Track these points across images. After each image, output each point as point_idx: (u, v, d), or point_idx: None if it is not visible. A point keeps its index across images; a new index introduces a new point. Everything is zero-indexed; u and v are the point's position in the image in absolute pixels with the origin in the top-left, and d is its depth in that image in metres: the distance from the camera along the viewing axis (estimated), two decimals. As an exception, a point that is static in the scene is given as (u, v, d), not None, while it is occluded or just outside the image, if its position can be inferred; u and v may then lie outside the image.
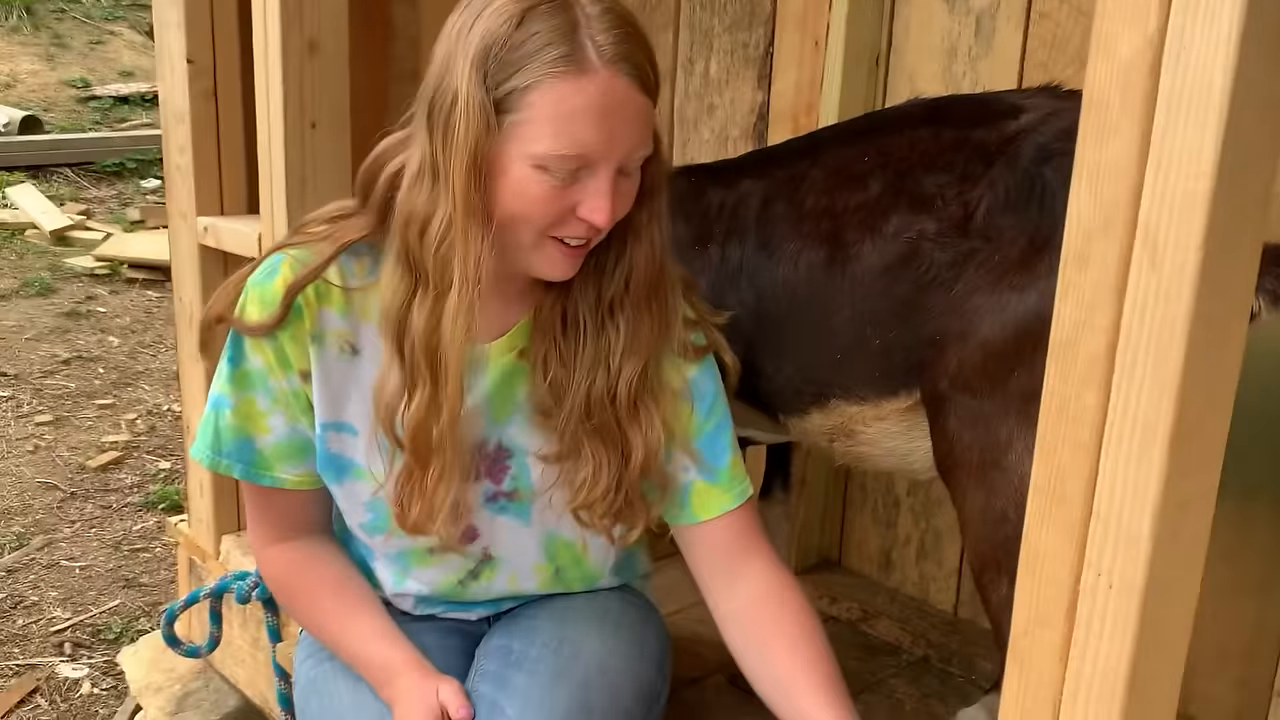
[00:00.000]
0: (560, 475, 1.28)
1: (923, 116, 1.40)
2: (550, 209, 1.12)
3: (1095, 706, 0.79)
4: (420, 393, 1.17)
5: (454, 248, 1.11)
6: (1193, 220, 0.69)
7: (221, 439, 1.28)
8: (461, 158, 1.08)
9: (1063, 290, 0.78)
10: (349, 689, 1.33)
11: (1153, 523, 0.74)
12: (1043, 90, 1.36)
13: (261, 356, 1.25)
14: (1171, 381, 0.72)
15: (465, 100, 1.06)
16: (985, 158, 1.28)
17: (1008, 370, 1.21)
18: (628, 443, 1.25)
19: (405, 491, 1.23)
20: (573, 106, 1.07)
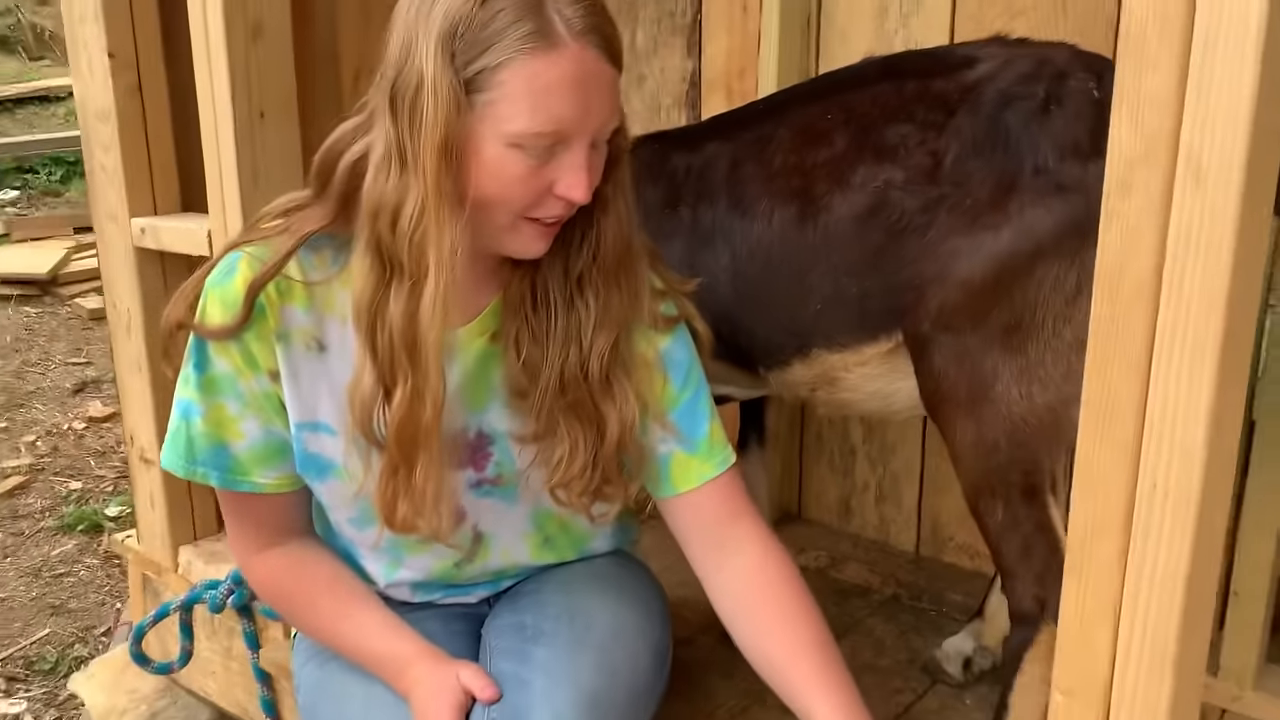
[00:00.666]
0: (537, 454, 1.27)
1: (881, 73, 1.44)
2: (527, 189, 1.11)
3: (1156, 608, 0.85)
4: (401, 388, 1.14)
5: (428, 235, 1.08)
6: (1236, 142, 0.75)
7: (194, 447, 1.24)
8: (431, 141, 1.05)
9: (1106, 218, 0.82)
10: (360, 686, 1.32)
11: (1206, 433, 0.80)
12: (993, 40, 1.42)
13: (228, 360, 1.21)
14: (1220, 296, 0.77)
15: (432, 82, 1.04)
16: (947, 107, 1.33)
17: (988, 306, 1.27)
18: (602, 419, 1.24)
19: (390, 490, 1.19)
20: (546, 82, 1.05)
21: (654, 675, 1.36)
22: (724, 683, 1.68)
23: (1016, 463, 1.26)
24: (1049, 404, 1.24)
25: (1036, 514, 1.27)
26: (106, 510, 3.26)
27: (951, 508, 2.02)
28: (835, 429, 2.13)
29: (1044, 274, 1.22)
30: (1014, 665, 1.32)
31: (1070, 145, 1.21)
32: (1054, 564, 1.26)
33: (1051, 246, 1.21)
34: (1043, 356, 1.23)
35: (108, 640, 2.66)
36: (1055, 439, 1.27)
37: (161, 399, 1.93)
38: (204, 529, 2.03)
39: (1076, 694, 0.91)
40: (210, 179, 1.62)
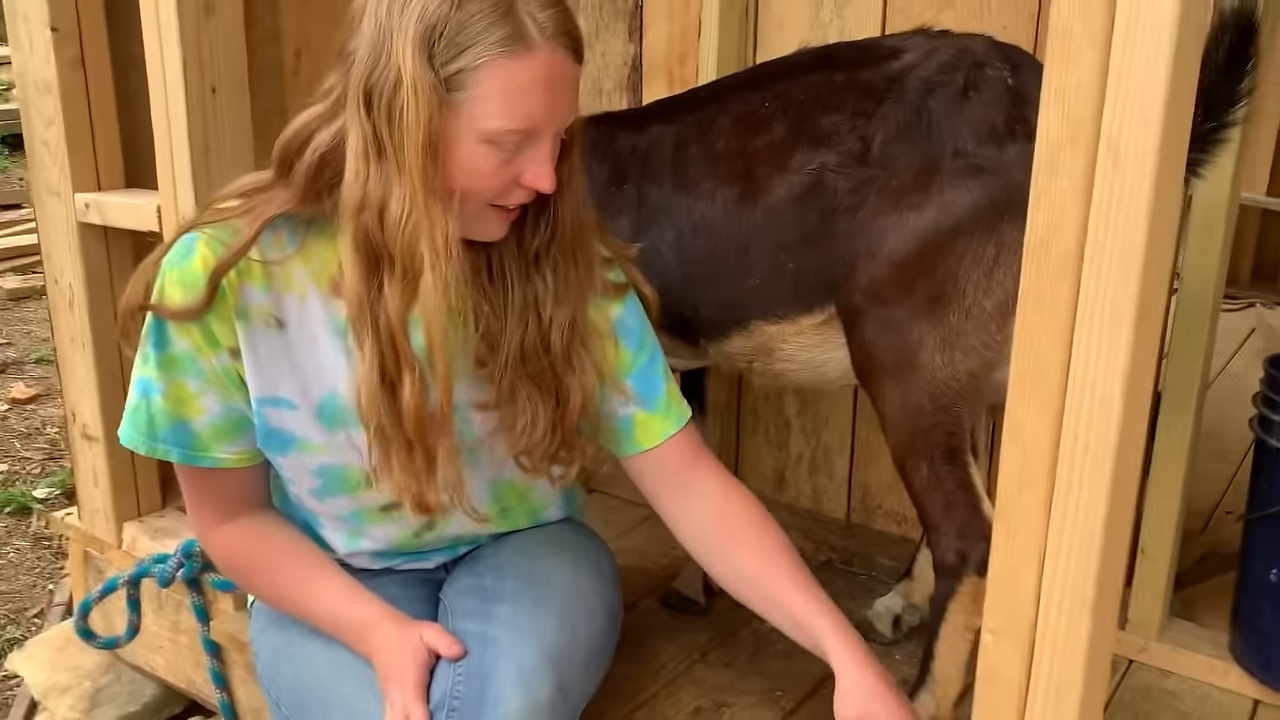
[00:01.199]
0: (499, 422, 1.33)
1: (814, 63, 1.52)
2: (497, 180, 1.16)
3: (1077, 552, 0.93)
4: (410, 379, 1.18)
5: (419, 229, 1.12)
6: (1150, 128, 0.83)
7: (155, 424, 1.26)
8: (415, 139, 1.09)
9: (1035, 198, 0.90)
10: (322, 649, 1.36)
11: (1123, 390, 0.88)
12: (917, 32, 1.50)
13: (188, 339, 1.23)
14: (1135, 268, 0.86)
15: (412, 81, 1.08)
16: (875, 95, 1.41)
17: (913, 279, 1.35)
18: (563, 388, 1.30)
19: (415, 480, 1.23)
20: (521, 83, 1.11)
21: (608, 632, 1.43)
22: (668, 644, 1.75)
23: (940, 425, 1.35)
24: (970, 370, 1.33)
25: (958, 473, 1.36)
26: (34, 492, 3.21)
27: (881, 477, 2.12)
28: (771, 404, 2.21)
29: (964, 249, 1.31)
30: (939, 615, 1.41)
31: (987, 129, 1.30)
32: (974, 520, 1.35)
33: (970, 223, 1.30)
34: (964, 325, 1.32)
35: (40, 622, 2.63)
36: (975, 402, 1.36)
37: (105, 375, 1.94)
38: (148, 505, 2.04)
39: (1004, 633, 1.00)
40: (160, 154, 1.63)
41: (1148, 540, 1.70)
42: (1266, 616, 1.58)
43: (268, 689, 1.41)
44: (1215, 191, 1.53)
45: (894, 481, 2.10)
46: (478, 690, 1.22)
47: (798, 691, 1.62)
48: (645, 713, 1.58)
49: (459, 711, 1.22)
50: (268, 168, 1.25)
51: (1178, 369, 1.63)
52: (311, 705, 1.33)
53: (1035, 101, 1.27)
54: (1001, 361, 1.32)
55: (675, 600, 1.85)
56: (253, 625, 1.49)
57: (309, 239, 1.26)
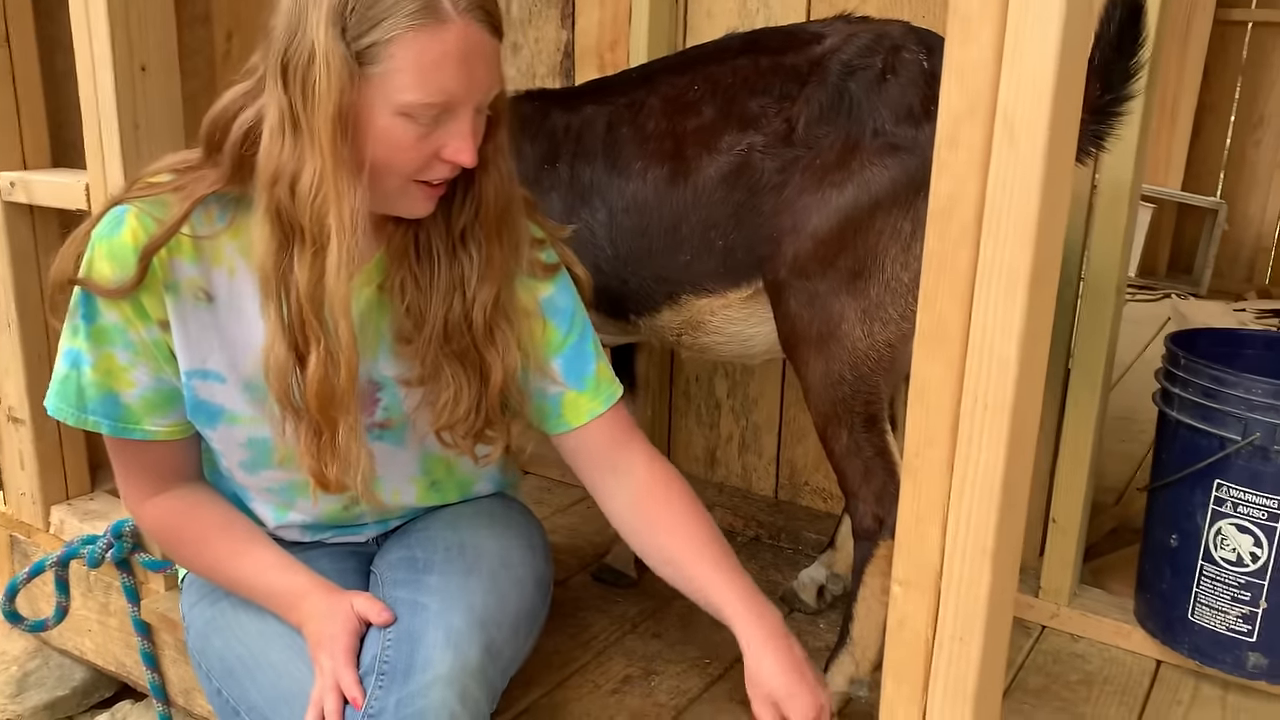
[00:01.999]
0: (423, 398, 1.35)
1: (740, 48, 1.57)
2: (416, 154, 1.17)
3: (978, 507, 0.99)
4: (315, 352, 1.19)
5: (327, 201, 1.13)
6: (1042, 105, 0.88)
7: (85, 396, 1.26)
8: (326, 111, 1.11)
9: (937, 169, 0.95)
10: (252, 619, 1.37)
11: (1019, 351, 0.94)
12: (838, 18, 1.55)
13: (117, 311, 1.24)
14: (1029, 234, 0.91)
15: (325, 54, 1.10)
16: (799, 78, 1.46)
17: (835, 254, 1.41)
18: (486, 365, 1.32)
19: (316, 454, 1.24)
20: (434, 56, 1.12)
21: (538, 602, 1.46)
22: (599, 616, 1.79)
23: (859, 394, 1.40)
24: (888, 340, 1.38)
25: (876, 440, 1.41)
26: (-43, 481, 3.14)
27: (807, 455, 2.18)
28: (702, 385, 2.26)
29: (883, 224, 1.36)
30: (857, 578, 1.46)
31: (905, 110, 1.36)
32: (890, 485, 1.41)
33: (888, 200, 1.36)
34: (883, 298, 1.37)
35: (-36, 611, 2.59)
36: (893, 371, 1.42)
37: (31, 356, 1.92)
38: (77, 488, 2.03)
39: (911, 584, 1.05)
40: (89, 133, 1.62)
41: (1058, 511, 1.77)
42: (1166, 580, 1.66)
43: (199, 662, 1.42)
44: (1119, 176, 1.61)
45: (820, 460, 2.16)
46: (407, 653, 1.25)
47: (725, 659, 1.67)
48: (576, 680, 1.62)
49: (388, 675, 1.24)
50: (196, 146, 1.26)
51: (1085, 347, 1.70)
52: (240, 674, 1.34)
53: (948, 82, 1.35)
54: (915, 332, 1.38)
55: (607, 574, 1.89)
56: (184, 599, 1.50)
57: (238, 215, 1.27)
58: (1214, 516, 1.58)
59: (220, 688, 1.36)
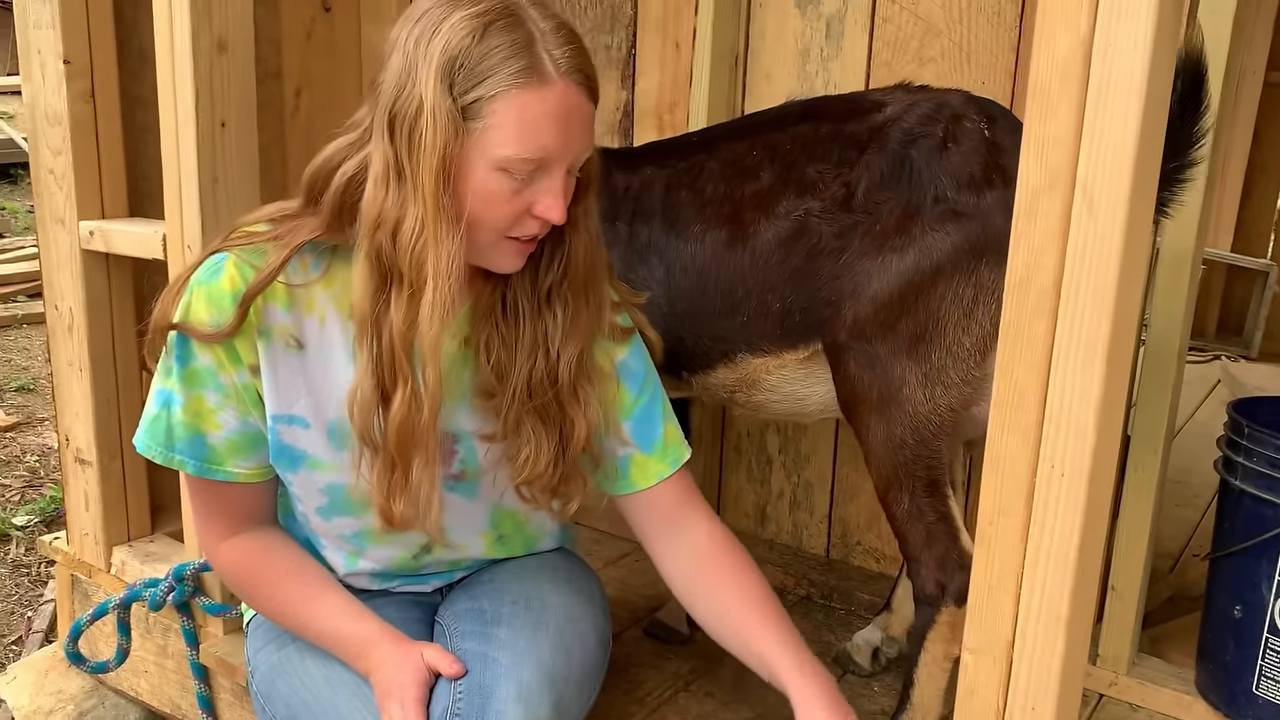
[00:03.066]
0: (503, 453, 1.37)
1: (801, 115, 1.59)
2: (509, 209, 1.22)
3: (1053, 575, 0.99)
4: (401, 391, 1.23)
5: (427, 248, 1.18)
6: (1122, 178, 0.90)
7: (173, 435, 1.30)
8: (430, 162, 1.16)
9: (1015, 240, 0.97)
10: (318, 666, 1.39)
11: (1096, 419, 0.94)
12: (898, 87, 1.58)
13: (211, 354, 1.28)
14: (1108, 304, 0.92)
15: (432, 108, 1.15)
16: (858, 145, 1.48)
17: (896, 318, 1.42)
18: (568, 422, 1.35)
19: (387, 490, 1.27)
20: (535, 114, 1.17)
21: (600, 657, 1.46)
22: (652, 673, 1.79)
23: (921, 458, 1.41)
24: (950, 404, 1.39)
25: (938, 505, 1.41)
26: (14, 519, 3.20)
27: (860, 514, 2.17)
28: (753, 440, 2.26)
29: (945, 289, 1.37)
30: (918, 643, 1.45)
31: (966, 177, 1.37)
32: (952, 551, 1.40)
33: (950, 266, 1.37)
34: (944, 362, 1.38)
35: (19, 649, 2.63)
36: (954, 436, 1.42)
37: (100, 400, 1.97)
38: (138, 530, 2.06)
39: (983, 653, 1.05)
40: (169, 186, 1.67)
41: (1117, 578, 1.75)
42: (1230, 652, 1.64)
43: (263, 706, 1.43)
44: (1181, 243, 1.61)
45: (873, 519, 2.16)
46: (478, 706, 1.26)
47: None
48: (630, 738, 1.62)
49: (458, 728, 1.25)
50: (277, 199, 1.31)
51: (1146, 412, 1.69)
52: (304, 718, 1.35)
53: (1010, 151, 1.37)
54: (979, 397, 1.38)
55: (659, 630, 1.89)
56: (249, 643, 1.51)
57: (333, 264, 1.31)
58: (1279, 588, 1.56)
59: (283, 733, 1.38)
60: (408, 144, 1.17)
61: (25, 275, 5.28)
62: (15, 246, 5.94)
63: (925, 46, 1.92)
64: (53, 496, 3.28)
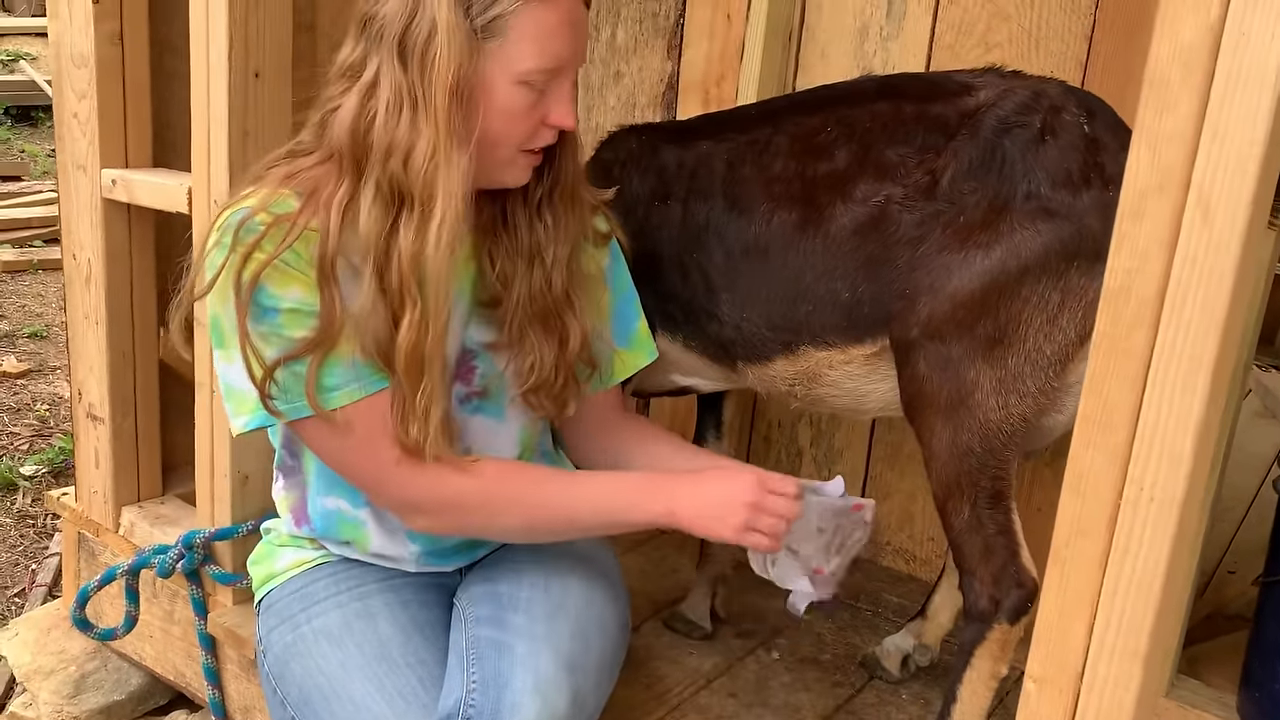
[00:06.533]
0: (510, 363, 1.38)
1: (879, 92, 1.50)
2: (528, 121, 1.25)
3: (1133, 606, 0.92)
4: (409, 314, 1.21)
5: (438, 170, 1.18)
6: (1244, 183, 0.82)
7: (309, 383, 1.22)
8: (444, 83, 1.17)
9: (1117, 243, 0.89)
10: (334, 649, 1.34)
11: (1194, 443, 0.87)
12: (990, 71, 1.48)
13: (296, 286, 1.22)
14: (1218, 320, 0.85)
15: (447, 29, 1.16)
16: (946, 130, 1.39)
17: (975, 319, 1.33)
18: (565, 328, 1.37)
19: (399, 415, 1.25)
20: (551, 24, 1.21)
21: (620, 644, 1.42)
22: (672, 668, 1.73)
23: (987, 468, 1.33)
24: (1023, 414, 1.31)
25: (1000, 517, 1.34)
26: (22, 469, 3.15)
27: (891, 514, 2.10)
28: (784, 431, 2.19)
29: (1030, 293, 1.29)
30: (965, 659, 1.38)
31: (1062, 174, 1.28)
32: (1011, 567, 1.33)
33: (1038, 267, 1.28)
34: (1022, 369, 1.30)
35: (21, 601, 2.58)
36: (1024, 446, 1.34)
37: (115, 354, 1.91)
38: (149, 490, 2.00)
39: (1048, 682, 0.98)
40: (197, 137, 1.60)
41: (1163, 596, 1.68)
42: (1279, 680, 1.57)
43: (275, 687, 1.38)
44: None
45: (904, 519, 2.09)
46: (494, 698, 1.21)
47: (804, 725, 1.60)
48: (650, 737, 1.56)
49: (474, 719, 1.19)
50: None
51: (1206, 426, 1.62)
52: (317, 703, 1.30)
53: (1110, 149, 1.28)
54: (1054, 407, 1.30)
55: (680, 623, 1.83)
56: (262, 623, 1.45)
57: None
58: (1339, 619, 1.49)
59: (295, 715, 1.33)
60: (420, 68, 1.17)
61: (43, 220, 5.21)
62: (33, 190, 5.86)
63: (992, 30, 1.83)
64: (62, 447, 3.22)
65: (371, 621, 1.37)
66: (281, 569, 1.46)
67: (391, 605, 1.39)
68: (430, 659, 1.34)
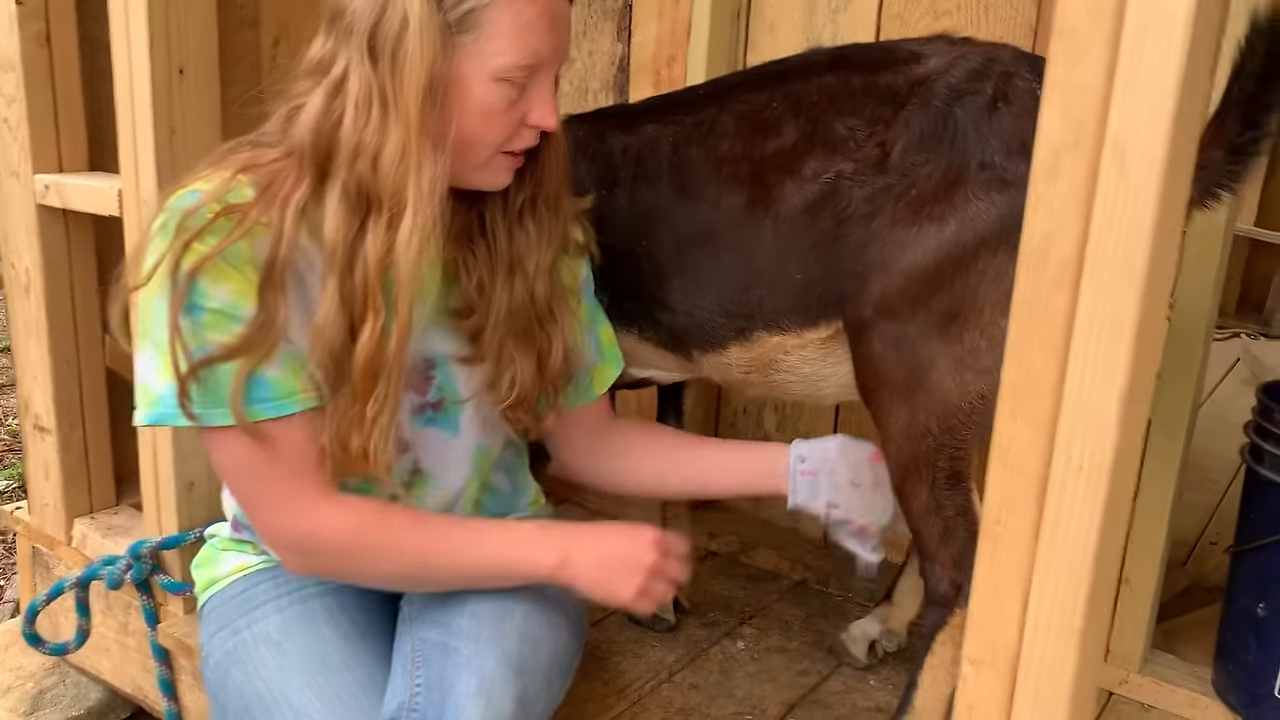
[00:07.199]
0: (485, 377, 1.33)
1: (827, 64, 1.45)
2: (507, 121, 1.19)
3: (1065, 580, 0.88)
4: (371, 323, 1.16)
5: (409, 172, 1.13)
6: (1159, 131, 0.78)
7: (226, 388, 1.15)
8: (416, 80, 1.12)
9: (1033, 204, 0.85)
10: (272, 655, 1.30)
11: (1120, 409, 0.83)
12: (939, 38, 1.43)
13: (227, 284, 1.15)
14: (1139, 277, 0.80)
15: (419, 24, 1.11)
16: (895, 100, 1.33)
17: (929, 294, 1.28)
18: (547, 340, 1.33)
19: (344, 424, 1.19)
20: (528, 18, 1.16)
21: (572, 647, 1.38)
22: (635, 662, 1.69)
23: (945, 448, 1.29)
24: (981, 392, 1.26)
25: (959, 499, 1.30)
26: (-9, 484, 3.12)
27: (860, 497, 2.06)
28: (750, 417, 2.15)
29: (985, 266, 1.24)
30: (926, 645, 1.35)
31: (1017, 143, 1.23)
32: (972, 548, 1.28)
33: (994, 239, 1.23)
34: (978, 345, 1.25)
35: (-10, 618, 2.55)
36: (984, 426, 1.30)
37: (59, 364, 1.87)
38: (101, 501, 1.96)
39: (985, 664, 0.94)
40: (123, 137, 1.57)
41: (1131, 570, 1.64)
42: (1252, 652, 1.53)
43: (214, 694, 1.34)
44: (1211, 216, 1.49)
45: (873, 501, 2.04)
46: (437, 701, 1.17)
47: (767, 714, 1.56)
48: (608, 733, 1.52)
49: (415, 724, 1.16)
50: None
51: (1168, 395, 1.58)
52: (256, 711, 1.26)
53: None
54: (1013, 385, 1.26)
55: (643, 617, 1.79)
56: (203, 629, 1.42)
57: None
58: (1308, 587, 1.45)
59: (233, 725, 1.29)
60: (391, 65, 1.12)
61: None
62: None
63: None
64: (33, 461, 3.19)
65: (312, 626, 1.33)
66: (224, 573, 1.43)
67: (333, 610, 1.36)
68: (372, 664, 1.30)
